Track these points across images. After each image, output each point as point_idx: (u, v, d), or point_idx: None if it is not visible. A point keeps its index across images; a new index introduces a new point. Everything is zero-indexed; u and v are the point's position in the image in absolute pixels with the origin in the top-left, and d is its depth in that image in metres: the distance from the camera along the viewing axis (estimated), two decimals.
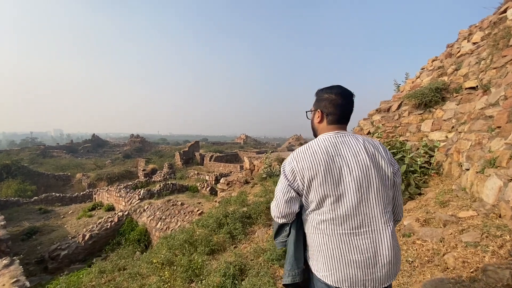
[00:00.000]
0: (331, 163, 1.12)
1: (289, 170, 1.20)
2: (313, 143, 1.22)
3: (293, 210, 1.21)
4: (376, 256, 1.08)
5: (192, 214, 9.72)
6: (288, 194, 1.19)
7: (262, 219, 4.43)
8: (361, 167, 1.13)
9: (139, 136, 53.57)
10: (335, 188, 1.11)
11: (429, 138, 4.10)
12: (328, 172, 1.11)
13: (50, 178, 23.87)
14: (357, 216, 1.10)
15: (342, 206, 1.11)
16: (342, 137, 1.20)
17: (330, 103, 1.24)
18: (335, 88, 1.26)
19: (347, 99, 1.25)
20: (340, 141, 1.18)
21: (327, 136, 1.21)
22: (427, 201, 3.06)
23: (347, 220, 1.10)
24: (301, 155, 1.19)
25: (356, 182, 1.11)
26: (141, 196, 11.72)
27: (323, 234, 1.13)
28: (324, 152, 1.15)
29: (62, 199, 16.99)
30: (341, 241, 1.10)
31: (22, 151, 39.97)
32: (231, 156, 30.45)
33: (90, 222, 11.99)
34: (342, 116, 1.25)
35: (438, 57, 5.20)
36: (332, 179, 1.11)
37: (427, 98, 4.19)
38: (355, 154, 1.14)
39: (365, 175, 1.12)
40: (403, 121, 4.65)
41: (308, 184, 1.14)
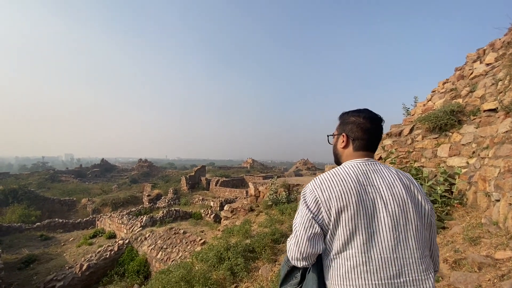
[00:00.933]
0: (363, 193, 0.95)
1: (312, 200, 0.98)
2: (340, 170, 1.03)
3: (317, 249, 0.96)
4: None
5: (194, 243, 9.24)
6: (311, 229, 0.95)
7: (266, 254, 4.03)
8: (398, 200, 0.95)
9: (147, 161, 54.01)
10: (369, 223, 0.92)
11: (447, 164, 3.77)
12: (361, 203, 0.93)
13: (55, 203, 23.74)
14: (396, 261, 0.89)
15: (376, 246, 0.91)
16: (374, 165, 1.03)
17: (357, 127, 1.09)
18: (363, 111, 1.12)
19: (376, 124, 1.10)
20: (371, 169, 1.02)
21: (356, 163, 1.04)
22: (454, 236, 2.68)
23: (383, 267, 0.89)
24: (326, 182, 0.99)
25: (391, 218, 0.92)
26: (143, 224, 11.34)
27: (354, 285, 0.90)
28: (355, 180, 0.97)
29: (64, 225, 16.67)
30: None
31: (31, 175, 40.51)
32: (237, 180, 30.01)
33: (90, 251, 11.55)
34: (371, 142, 1.09)
35: (449, 80, 5.02)
36: (365, 212, 0.92)
37: (442, 121, 3.93)
38: (390, 185, 0.97)
39: (402, 210, 0.94)
40: (416, 146, 4.36)
41: (336, 217, 0.94)
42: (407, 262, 0.90)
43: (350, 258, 0.92)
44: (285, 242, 4.50)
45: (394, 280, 0.88)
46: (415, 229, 0.93)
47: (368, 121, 1.09)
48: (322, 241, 0.97)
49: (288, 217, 5.63)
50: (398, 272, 0.89)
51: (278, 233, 4.60)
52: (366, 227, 0.91)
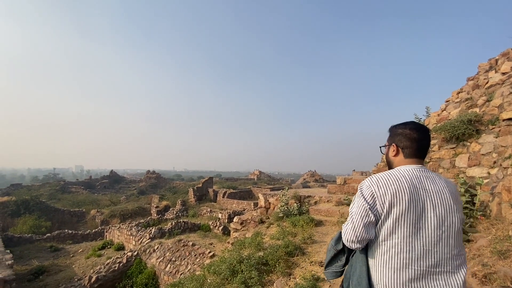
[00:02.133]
0: (416, 194, 1.09)
1: (368, 194, 1.14)
2: (395, 172, 1.17)
3: (370, 235, 1.13)
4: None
5: (203, 256, 9.12)
6: (367, 218, 1.12)
7: (280, 267, 3.93)
8: (445, 205, 1.10)
9: (155, 172, 54.39)
10: (417, 220, 1.07)
11: (467, 175, 3.67)
12: (412, 202, 1.08)
13: (65, 214, 23.99)
14: (435, 254, 1.05)
15: (420, 240, 1.06)
16: (426, 172, 1.18)
17: (404, 137, 1.24)
18: (409, 123, 1.27)
19: (423, 134, 1.24)
20: (424, 175, 1.16)
21: (410, 168, 1.18)
22: (480, 250, 2.57)
23: (424, 257, 1.05)
24: (383, 180, 1.14)
25: (438, 219, 1.08)
26: (151, 235, 11.28)
27: (395, 269, 1.06)
28: (409, 182, 1.11)
29: (74, 236, 16.75)
30: (415, 279, 1.04)
31: (43, 186, 41.22)
32: (244, 192, 29.80)
33: (99, 262, 11.51)
34: (418, 149, 1.22)
35: (463, 89, 4.96)
36: (415, 210, 1.08)
37: (459, 130, 3.85)
38: (439, 191, 1.12)
39: (448, 214, 1.09)
40: (433, 156, 4.27)
41: (388, 210, 1.09)
42: (445, 257, 1.05)
43: (396, 245, 1.07)
44: (299, 255, 4.39)
45: (431, 268, 1.04)
46: (456, 231, 1.09)
47: (414, 131, 1.23)
48: (374, 229, 1.13)
49: (301, 229, 5.52)
50: (436, 263, 1.04)
51: (291, 245, 4.50)
52: (414, 223, 1.06)
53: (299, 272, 3.87)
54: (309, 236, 5.03)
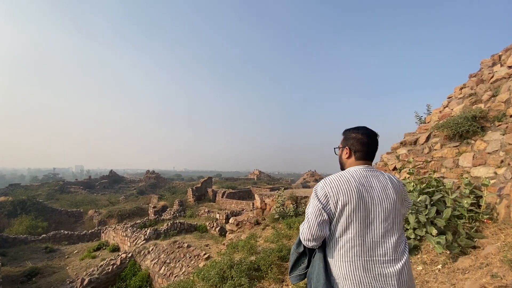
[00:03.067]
0: (364, 192, 1.20)
1: (322, 194, 1.24)
2: (345, 173, 1.28)
3: (324, 233, 1.22)
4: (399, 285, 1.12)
5: (198, 258, 8.88)
6: (320, 217, 1.21)
7: (273, 273, 3.70)
8: (390, 200, 1.22)
9: (154, 172, 54.19)
10: (366, 216, 1.18)
11: (471, 175, 3.42)
12: (361, 200, 1.19)
13: (62, 214, 23.76)
14: (383, 245, 1.17)
15: (370, 233, 1.18)
16: (372, 171, 1.30)
17: (357, 141, 1.35)
18: (361, 128, 1.38)
19: (372, 139, 1.36)
20: (370, 174, 1.28)
21: (358, 168, 1.30)
22: (489, 258, 2.33)
23: (374, 248, 1.17)
24: (334, 182, 1.24)
25: (384, 213, 1.20)
26: (147, 236, 11.06)
27: (351, 262, 1.16)
28: (357, 181, 1.22)
29: (70, 237, 16.52)
30: (368, 269, 1.14)
31: (41, 186, 41.02)
32: (244, 192, 29.56)
33: (93, 264, 11.29)
34: (367, 153, 1.34)
35: (466, 85, 4.71)
36: (364, 207, 1.18)
37: (463, 128, 3.61)
38: (384, 188, 1.24)
39: (392, 208, 1.22)
40: (435, 155, 4.02)
41: (340, 209, 1.19)
42: (392, 246, 1.18)
43: (350, 240, 1.18)
44: None
45: (381, 258, 1.16)
46: (399, 222, 1.24)
47: (365, 136, 1.35)
48: (327, 227, 1.23)
49: (296, 232, 5.28)
50: (384, 252, 1.16)
51: (285, 249, 4.27)
52: (364, 218, 1.18)
53: None
54: None
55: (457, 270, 2.41)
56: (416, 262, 2.85)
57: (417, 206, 2.87)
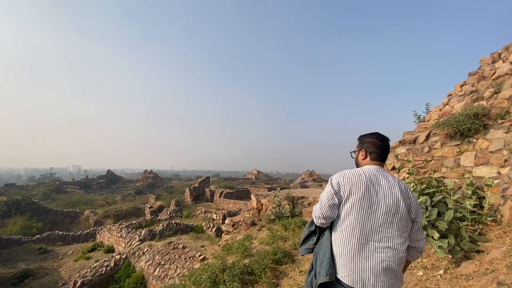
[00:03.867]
0: (371, 187, 1.39)
1: (335, 183, 1.44)
2: (358, 170, 1.47)
3: (333, 214, 1.42)
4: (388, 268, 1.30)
5: (193, 259, 8.71)
6: (332, 200, 1.41)
7: (266, 277, 3.54)
8: (393, 198, 1.38)
9: (152, 172, 53.90)
10: (369, 206, 1.36)
11: (473, 175, 3.28)
12: (367, 192, 1.37)
13: (58, 214, 23.47)
14: (380, 233, 1.34)
15: (370, 221, 1.35)
16: (383, 171, 1.47)
17: (372, 144, 1.54)
18: (375, 134, 1.58)
19: (385, 142, 1.56)
20: (380, 174, 1.45)
21: (370, 167, 1.48)
22: (494, 263, 2.18)
23: (372, 234, 1.34)
24: (347, 175, 1.44)
25: (386, 207, 1.36)
26: (141, 237, 10.86)
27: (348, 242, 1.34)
28: (367, 177, 1.41)
29: (64, 238, 16.29)
30: (362, 250, 1.32)
31: (37, 186, 40.64)
32: (242, 192, 29.39)
33: (86, 266, 11.09)
34: (381, 154, 1.53)
35: (467, 82, 4.58)
36: (369, 198, 1.36)
37: (464, 126, 3.47)
38: (391, 186, 1.41)
39: (394, 204, 1.37)
40: (435, 154, 3.88)
41: (347, 196, 1.39)
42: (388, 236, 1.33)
43: (351, 223, 1.35)
44: (288, 263, 4.00)
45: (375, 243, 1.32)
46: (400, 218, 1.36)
47: (379, 140, 1.54)
48: (337, 210, 1.41)
49: (292, 234, 5.13)
50: (380, 239, 1.33)
51: (280, 252, 4.11)
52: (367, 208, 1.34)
53: (287, 283, 3.47)
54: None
55: (460, 276, 2.26)
56: (416, 267, 2.70)
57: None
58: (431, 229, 2.55)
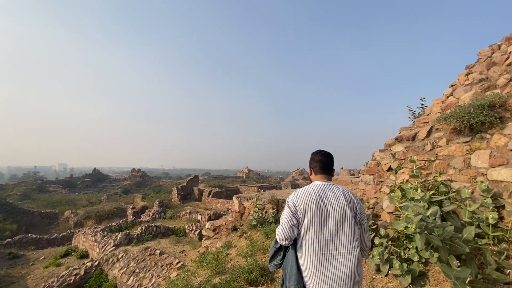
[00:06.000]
0: (320, 202, 1.59)
1: (292, 204, 1.63)
2: (308, 187, 1.69)
3: (294, 234, 1.59)
4: (345, 272, 1.47)
5: (171, 267, 7.97)
6: (291, 221, 1.58)
7: None
8: (341, 208, 1.58)
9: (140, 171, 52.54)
10: (323, 220, 1.56)
11: (489, 178, 2.68)
12: (318, 208, 1.57)
13: (35, 215, 22.21)
14: (335, 242, 1.53)
15: (325, 233, 1.54)
16: (328, 185, 1.69)
17: (312, 160, 1.81)
18: (316, 151, 1.83)
19: (323, 156, 1.78)
20: (327, 188, 1.67)
21: (318, 183, 1.70)
22: None
23: (328, 244, 1.53)
24: (300, 195, 1.65)
25: (336, 218, 1.56)
26: (117, 242, 10.03)
27: (311, 255, 1.53)
28: (316, 194, 1.62)
29: (38, 241, 15.22)
30: (323, 260, 1.51)
31: (18, 185, 38.84)
32: (231, 191, 28.64)
33: (56, 273, 10.18)
34: (321, 167, 1.75)
35: (473, 70, 4.01)
36: (321, 214, 1.56)
37: (477, 118, 2.87)
38: (337, 198, 1.62)
39: (342, 214, 1.57)
40: (440, 153, 3.28)
41: (303, 215, 1.58)
42: (342, 243, 1.53)
43: (310, 239, 1.55)
44: (265, 284, 3.33)
45: (333, 251, 1.52)
46: (349, 225, 1.57)
47: (318, 155, 1.79)
48: (296, 229, 1.60)
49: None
50: (336, 247, 1.53)
51: (257, 269, 3.43)
52: (320, 222, 1.55)
53: None
54: None
55: None
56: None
57: (425, 222, 2.09)
58: (445, 252, 1.93)
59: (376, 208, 3.78)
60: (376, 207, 3.80)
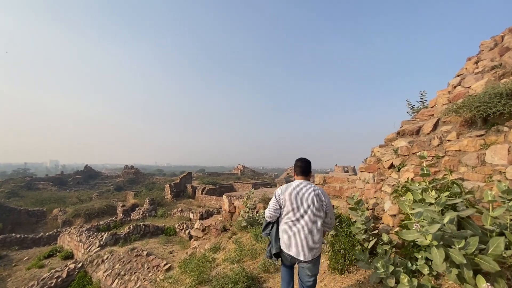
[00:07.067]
0: (296, 194, 2.28)
1: (277, 195, 2.34)
2: (290, 184, 2.38)
3: (276, 214, 2.34)
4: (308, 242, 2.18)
5: (158, 269, 7.54)
6: (275, 206, 2.32)
7: None
8: (310, 199, 2.26)
9: (133, 167, 51.75)
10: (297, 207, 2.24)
11: (507, 177, 2.33)
12: (294, 198, 2.26)
13: (22, 214, 21.46)
14: (303, 221, 2.22)
15: (297, 214, 2.23)
16: (304, 183, 2.37)
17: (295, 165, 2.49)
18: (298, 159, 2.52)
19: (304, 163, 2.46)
20: (302, 185, 2.35)
21: (297, 182, 2.39)
22: None
23: (299, 222, 2.22)
24: (284, 189, 2.34)
25: (306, 205, 2.24)
26: (102, 242, 9.55)
27: (287, 228, 2.25)
28: (294, 188, 2.32)
29: (22, 241, 14.61)
30: (294, 232, 2.21)
31: (5, 182, 37.77)
32: (225, 188, 28.25)
33: (38, 275, 9.67)
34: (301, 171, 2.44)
35: (482, 57, 3.65)
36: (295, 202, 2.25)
37: (495, 108, 2.51)
38: (308, 192, 2.29)
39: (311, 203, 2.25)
40: (449, 148, 2.92)
41: (284, 202, 2.28)
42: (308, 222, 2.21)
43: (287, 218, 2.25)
44: None
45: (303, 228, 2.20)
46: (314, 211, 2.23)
47: (298, 161, 2.50)
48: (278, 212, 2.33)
49: (264, 245, 4.09)
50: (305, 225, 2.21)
51: (243, 279, 3.04)
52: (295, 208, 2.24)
53: None
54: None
55: None
56: None
57: (443, 232, 1.72)
58: (470, 269, 1.56)
59: (377, 209, 3.41)
60: (376, 208, 3.43)
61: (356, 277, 2.70)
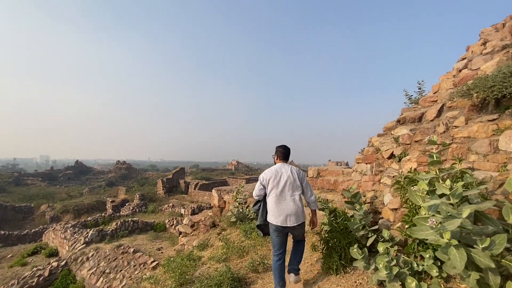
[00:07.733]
0: (277, 173, 2.70)
1: (261, 178, 2.77)
2: (272, 167, 2.81)
3: (262, 193, 2.78)
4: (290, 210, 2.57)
5: (144, 267, 7.21)
6: (260, 186, 2.78)
7: None
8: (288, 175, 2.68)
9: (126, 163, 50.86)
10: (277, 184, 2.65)
11: None
12: (275, 176, 2.69)
13: (8, 210, 20.78)
14: (284, 193, 2.63)
15: (278, 188, 2.63)
16: (284, 165, 2.78)
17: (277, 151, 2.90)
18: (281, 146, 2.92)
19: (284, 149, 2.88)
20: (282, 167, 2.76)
21: (278, 165, 2.80)
22: None
23: (280, 196, 2.62)
24: (266, 171, 2.77)
25: (285, 181, 2.65)
26: (88, 239, 9.15)
27: (271, 202, 2.64)
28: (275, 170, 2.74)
29: (7, 238, 14.08)
30: (278, 203, 2.60)
31: None
32: (219, 183, 27.85)
33: (20, 273, 9.23)
34: (283, 156, 2.85)
35: (489, 38, 3.37)
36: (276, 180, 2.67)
37: (511, 88, 2.22)
38: (286, 171, 2.71)
39: (289, 178, 2.67)
40: (456, 135, 2.63)
41: (267, 182, 2.71)
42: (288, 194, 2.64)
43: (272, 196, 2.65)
44: None
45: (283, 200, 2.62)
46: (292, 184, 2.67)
47: (282, 148, 2.89)
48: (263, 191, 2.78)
49: (254, 243, 3.78)
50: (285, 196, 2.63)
51: (228, 281, 2.73)
52: (276, 183, 2.67)
53: None
54: (262, 258, 3.28)
55: None
56: None
57: (461, 228, 1.43)
58: (496, 275, 1.27)
59: (375, 203, 3.13)
60: (375, 202, 3.14)
61: (353, 278, 2.42)
